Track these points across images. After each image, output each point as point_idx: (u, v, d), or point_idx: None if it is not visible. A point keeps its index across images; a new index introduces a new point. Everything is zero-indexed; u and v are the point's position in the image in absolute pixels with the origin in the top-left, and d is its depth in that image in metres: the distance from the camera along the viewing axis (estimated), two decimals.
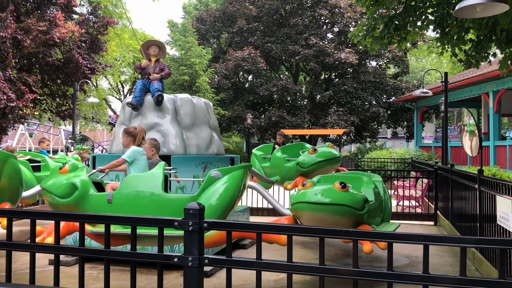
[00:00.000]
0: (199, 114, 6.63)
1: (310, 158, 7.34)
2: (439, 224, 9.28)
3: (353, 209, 4.85)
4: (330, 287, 5.02)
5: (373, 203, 5.48)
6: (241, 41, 27.39)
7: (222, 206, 4.38)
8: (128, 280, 3.76)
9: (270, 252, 6.42)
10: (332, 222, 4.91)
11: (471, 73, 16.57)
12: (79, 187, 4.54)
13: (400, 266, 6.10)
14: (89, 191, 4.57)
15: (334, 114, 24.90)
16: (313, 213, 4.93)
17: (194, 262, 2.40)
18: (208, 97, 22.40)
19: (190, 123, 6.53)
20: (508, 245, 2.29)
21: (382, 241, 2.33)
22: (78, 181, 4.56)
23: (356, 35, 8.49)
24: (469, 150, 6.87)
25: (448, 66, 36.42)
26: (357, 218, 4.97)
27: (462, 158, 16.93)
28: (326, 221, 4.90)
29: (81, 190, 4.53)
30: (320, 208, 4.82)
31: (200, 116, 6.65)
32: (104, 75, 28.20)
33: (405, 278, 2.31)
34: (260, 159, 8.42)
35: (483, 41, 7.10)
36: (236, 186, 4.49)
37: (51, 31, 13.53)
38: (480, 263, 5.73)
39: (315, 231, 2.41)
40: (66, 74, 15.63)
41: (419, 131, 22.22)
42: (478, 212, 5.86)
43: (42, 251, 2.83)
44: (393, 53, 26.84)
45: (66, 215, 3.07)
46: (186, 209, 2.44)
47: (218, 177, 4.46)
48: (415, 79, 37.62)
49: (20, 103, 13.07)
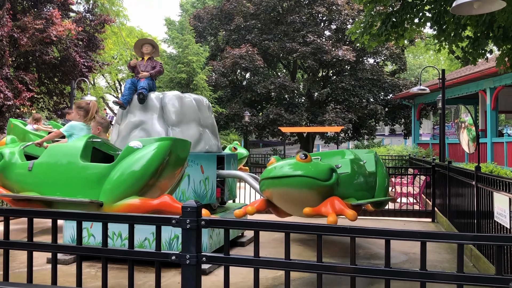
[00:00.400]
0: (187, 111, 6.48)
1: None
2: (437, 221, 9.31)
3: (314, 180, 4.62)
4: (328, 284, 5.03)
5: (348, 174, 5.19)
6: (238, 39, 27.36)
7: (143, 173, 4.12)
8: (126, 278, 3.75)
9: (268, 250, 6.44)
10: (297, 196, 4.73)
11: (468, 70, 16.60)
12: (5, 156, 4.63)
13: (397, 263, 6.11)
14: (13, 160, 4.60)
15: (331, 112, 24.91)
16: (276, 189, 4.79)
17: (192, 260, 2.40)
18: (205, 95, 22.39)
19: (177, 121, 6.43)
20: (505, 242, 2.30)
21: (378, 237, 2.34)
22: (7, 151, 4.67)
23: (354, 33, 8.49)
24: (467, 147, 6.88)
25: (445, 63, 36.47)
26: (322, 190, 4.73)
27: (460, 155, 16.96)
28: (291, 195, 4.76)
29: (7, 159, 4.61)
30: (281, 182, 4.67)
31: (188, 113, 6.50)
32: (101, 73, 28.16)
33: (402, 275, 2.32)
34: None
35: (480, 38, 7.11)
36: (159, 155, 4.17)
37: (48, 29, 13.49)
38: (478, 259, 5.75)
39: (312, 228, 2.41)
40: (63, 72, 15.60)
41: (417, 128, 22.25)
42: (475, 209, 5.87)
43: (40, 249, 2.83)
44: (391, 50, 26.85)
45: (63, 213, 3.06)
46: (184, 207, 2.44)
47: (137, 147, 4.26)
48: (412, 76, 37.67)
49: (17, 101, 13.04)
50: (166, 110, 6.44)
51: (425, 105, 22.56)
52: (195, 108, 6.55)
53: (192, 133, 6.43)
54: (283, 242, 2.56)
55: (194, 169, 6.18)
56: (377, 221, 9.17)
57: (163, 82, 23.74)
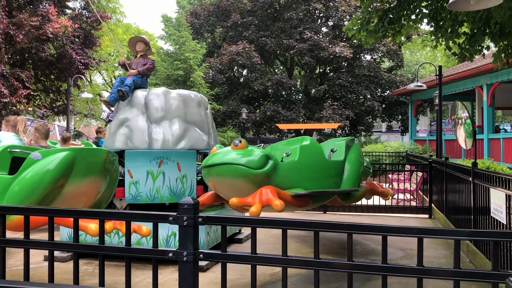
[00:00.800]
0: (170, 107, 6.39)
1: None
2: (434, 217, 9.33)
3: (244, 168, 4.42)
4: (326, 281, 5.04)
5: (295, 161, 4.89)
6: (235, 36, 27.32)
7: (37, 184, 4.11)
8: (123, 276, 3.75)
9: (265, 246, 6.44)
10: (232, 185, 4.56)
11: (465, 67, 16.62)
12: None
13: (395, 259, 6.13)
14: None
15: (329, 108, 24.92)
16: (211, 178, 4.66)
17: (189, 257, 2.40)
18: (202, 92, 22.36)
19: (159, 117, 6.35)
20: (501, 237, 2.31)
21: (375, 233, 2.34)
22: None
23: (351, 29, 8.49)
24: (463, 143, 6.89)
25: (442, 59, 36.50)
26: (255, 178, 4.49)
27: (457, 151, 17.00)
28: (226, 184, 4.61)
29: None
30: (214, 170, 4.54)
31: (171, 110, 6.39)
32: (98, 70, 28.07)
33: (399, 271, 2.33)
34: None
35: (477, 34, 7.11)
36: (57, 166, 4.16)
37: (44, 26, 13.43)
38: (474, 255, 5.77)
39: (309, 225, 2.42)
40: (60, 70, 15.54)
41: (414, 125, 22.28)
42: (472, 205, 5.89)
43: (36, 247, 2.82)
44: (388, 47, 26.86)
45: (60, 211, 3.05)
46: (181, 204, 2.43)
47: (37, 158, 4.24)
48: (409, 72, 37.69)
49: (14, 99, 12.99)
50: (149, 106, 6.41)
51: (422, 102, 22.59)
52: (180, 104, 6.40)
53: (174, 129, 6.31)
54: (280, 238, 2.56)
55: (170, 167, 6.12)
56: (374, 218, 9.19)
57: (160, 79, 23.69)
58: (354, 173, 5.56)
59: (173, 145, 6.21)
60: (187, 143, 6.32)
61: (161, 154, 6.18)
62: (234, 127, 27.24)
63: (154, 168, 6.08)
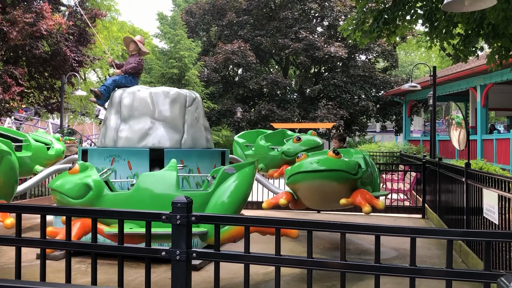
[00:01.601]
0: (139, 105, 6.37)
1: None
2: (427, 217, 9.37)
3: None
4: (319, 280, 5.05)
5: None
6: (230, 34, 27.30)
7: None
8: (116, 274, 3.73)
9: (259, 245, 6.43)
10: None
11: (459, 67, 16.70)
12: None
13: (388, 259, 6.15)
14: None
15: (323, 108, 24.96)
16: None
17: (182, 256, 2.39)
18: (197, 91, 22.32)
19: (128, 115, 6.39)
20: (493, 238, 2.32)
21: (367, 233, 2.34)
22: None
23: (346, 29, 8.49)
24: (457, 143, 6.92)
25: (436, 60, 36.65)
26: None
27: (450, 151, 17.08)
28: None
29: None
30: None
31: (140, 108, 6.36)
32: (92, 68, 27.92)
33: (392, 271, 2.33)
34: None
35: (471, 35, 7.14)
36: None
37: (38, 23, 13.34)
38: (467, 255, 5.80)
39: (303, 224, 2.42)
40: (54, 67, 15.44)
41: (408, 125, 22.37)
42: (465, 205, 5.92)
43: (28, 245, 2.80)
44: (382, 47, 26.94)
45: (52, 209, 3.04)
46: (174, 202, 2.43)
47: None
48: (404, 73, 37.82)
49: (7, 96, 12.90)
50: (121, 105, 6.49)
51: (416, 102, 22.68)
52: (148, 102, 6.36)
53: (139, 127, 6.29)
54: (273, 238, 2.56)
55: (121, 165, 6.10)
56: (368, 217, 9.21)
57: (155, 77, 23.63)
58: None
59: (137, 143, 6.23)
60: (151, 140, 6.27)
61: (114, 152, 6.22)
62: (229, 126, 27.25)
63: (107, 165, 6.06)
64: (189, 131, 6.54)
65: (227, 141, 28.20)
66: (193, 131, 6.61)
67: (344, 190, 5.21)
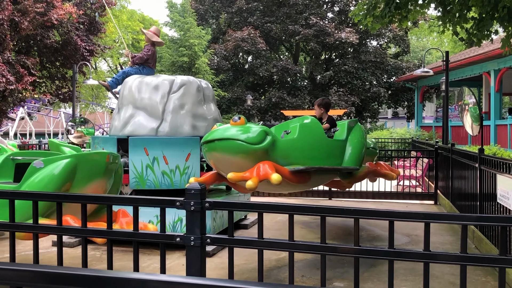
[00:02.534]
0: (127, 94, 6.46)
1: None
2: (439, 204, 9.33)
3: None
4: (331, 266, 5.07)
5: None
6: (240, 21, 27.14)
7: None
8: (130, 261, 3.78)
9: (271, 232, 6.47)
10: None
11: (472, 52, 16.46)
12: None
13: (400, 245, 6.15)
14: None
15: (334, 95, 24.82)
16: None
17: (196, 242, 2.42)
18: (207, 79, 22.30)
19: (120, 104, 6.61)
20: (509, 222, 2.30)
21: (381, 218, 2.34)
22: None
23: (357, 14, 8.39)
24: (470, 129, 6.84)
25: (449, 45, 36.14)
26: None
27: (463, 137, 16.92)
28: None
29: None
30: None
31: (128, 97, 6.42)
32: (103, 57, 28.01)
33: (406, 256, 2.33)
34: None
35: (485, 18, 7.02)
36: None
37: (49, 12, 13.39)
38: (480, 241, 5.78)
39: (317, 210, 2.42)
40: (65, 56, 15.53)
41: (420, 111, 22.17)
42: (478, 191, 5.88)
43: (45, 232, 2.85)
44: (394, 33, 26.62)
45: (67, 196, 3.07)
46: (188, 189, 2.44)
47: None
48: (416, 58, 37.37)
49: (19, 85, 13.02)
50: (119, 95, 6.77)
51: (428, 88, 22.43)
52: (133, 91, 6.42)
53: (123, 115, 6.44)
54: (285, 224, 2.57)
55: None
56: (379, 204, 9.20)
57: (165, 66, 23.64)
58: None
59: (120, 131, 6.40)
60: (130, 129, 6.32)
61: (97, 140, 6.56)
62: (239, 114, 27.22)
63: None
64: (167, 119, 6.36)
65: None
66: (174, 118, 6.36)
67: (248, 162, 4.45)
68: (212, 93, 7.01)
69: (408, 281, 4.67)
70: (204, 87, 6.83)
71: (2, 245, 5.77)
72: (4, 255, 5.43)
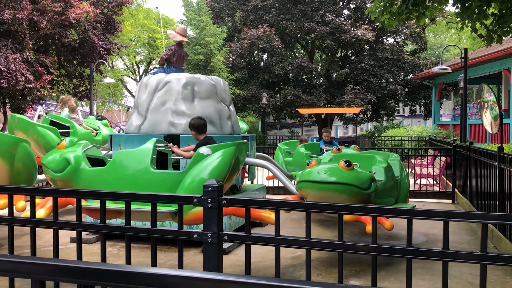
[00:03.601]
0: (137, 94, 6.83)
1: None
2: (457, 202, 9.22)
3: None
4: (348, 265, 5.05)
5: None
6: (255, 19, 27.11)
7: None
8: (148, 257, 3.81)
9: (287, 230, 6.46)
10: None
11: (491, 49, 16.19)
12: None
13: (417, 244, 6.09)
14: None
15: (350, 92, 24.65)
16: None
17: (213, 238, 2.43)
18: (223, 77, 22.35)
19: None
20: None
21: (400, 217, 2.32)
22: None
23: (373, 11, 8.32)
24: (489, 127, 6.75)
25: (467, 42, 35.64)
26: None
27: (481, 135, 16.68)
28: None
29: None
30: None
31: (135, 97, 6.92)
32: (119, 55, 28.27)
33: (425, 254, 2.31)
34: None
35: (506, 14, 6.90)
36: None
37: (67, 12, 13.56)
38: (499, 240, 5.69)
39: (334, 208, 2.41)
40: (82, 55, 15.71)
41: (437, 109, 21.90)
42: (497, 190, 5.79)
43: (65, 227, 2.89)
44: (411, 29, 26.30)
45: (87, 192, 3.11)
46: (205, 186, 2.45)
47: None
48: (433, 55, 36.90)
49: (38, 84, 13.21)
50: None
51: (446, 85, 22.15)
52: (136, 91, 6.82)
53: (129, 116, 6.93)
54: (301, 222, 2.57)
55: None
56: None
57: None
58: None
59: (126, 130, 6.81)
60: (125, 127, 6.75)
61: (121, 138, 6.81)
62: (255, 112, 27.20)
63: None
64: (149, 117, 6.40)
65: (252, 127, 28.18)
66: (154, 116, 6.36)
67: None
68: (210, 89, 6.69)
69: (425, 280, 4.63)
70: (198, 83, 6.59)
71: (23, 240, 5.87)
72: (24, 250, 5.52)
